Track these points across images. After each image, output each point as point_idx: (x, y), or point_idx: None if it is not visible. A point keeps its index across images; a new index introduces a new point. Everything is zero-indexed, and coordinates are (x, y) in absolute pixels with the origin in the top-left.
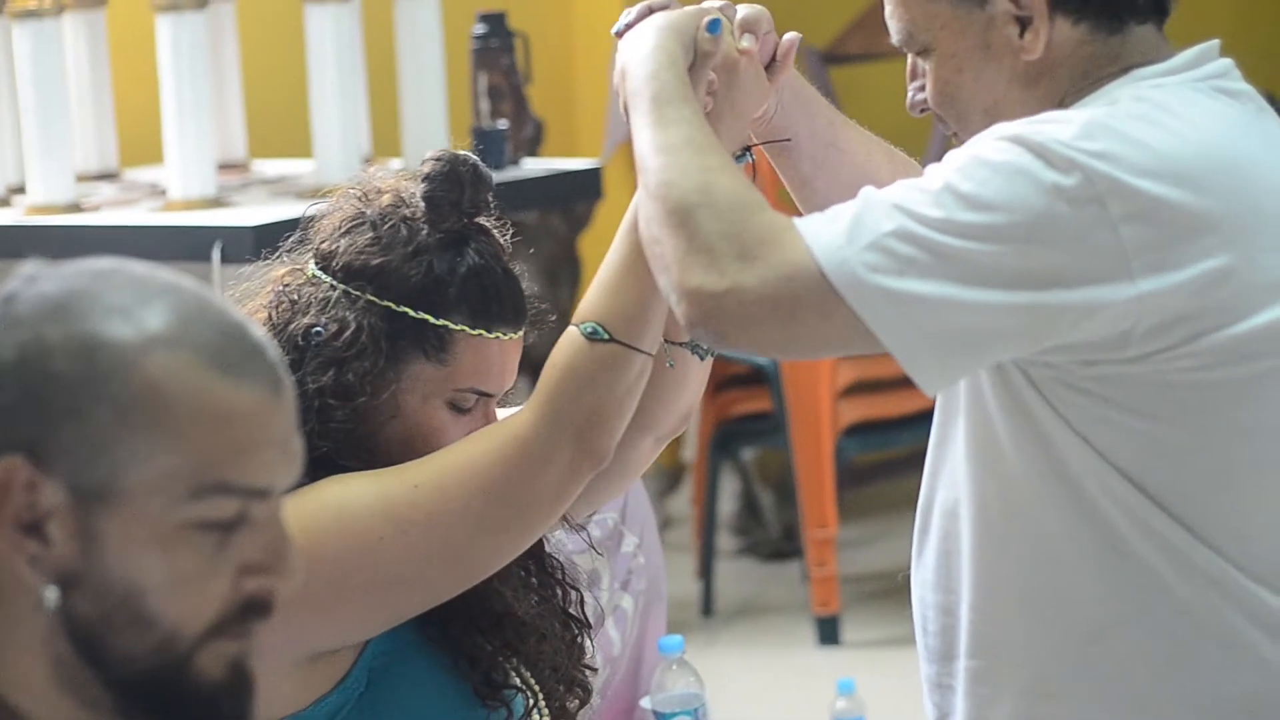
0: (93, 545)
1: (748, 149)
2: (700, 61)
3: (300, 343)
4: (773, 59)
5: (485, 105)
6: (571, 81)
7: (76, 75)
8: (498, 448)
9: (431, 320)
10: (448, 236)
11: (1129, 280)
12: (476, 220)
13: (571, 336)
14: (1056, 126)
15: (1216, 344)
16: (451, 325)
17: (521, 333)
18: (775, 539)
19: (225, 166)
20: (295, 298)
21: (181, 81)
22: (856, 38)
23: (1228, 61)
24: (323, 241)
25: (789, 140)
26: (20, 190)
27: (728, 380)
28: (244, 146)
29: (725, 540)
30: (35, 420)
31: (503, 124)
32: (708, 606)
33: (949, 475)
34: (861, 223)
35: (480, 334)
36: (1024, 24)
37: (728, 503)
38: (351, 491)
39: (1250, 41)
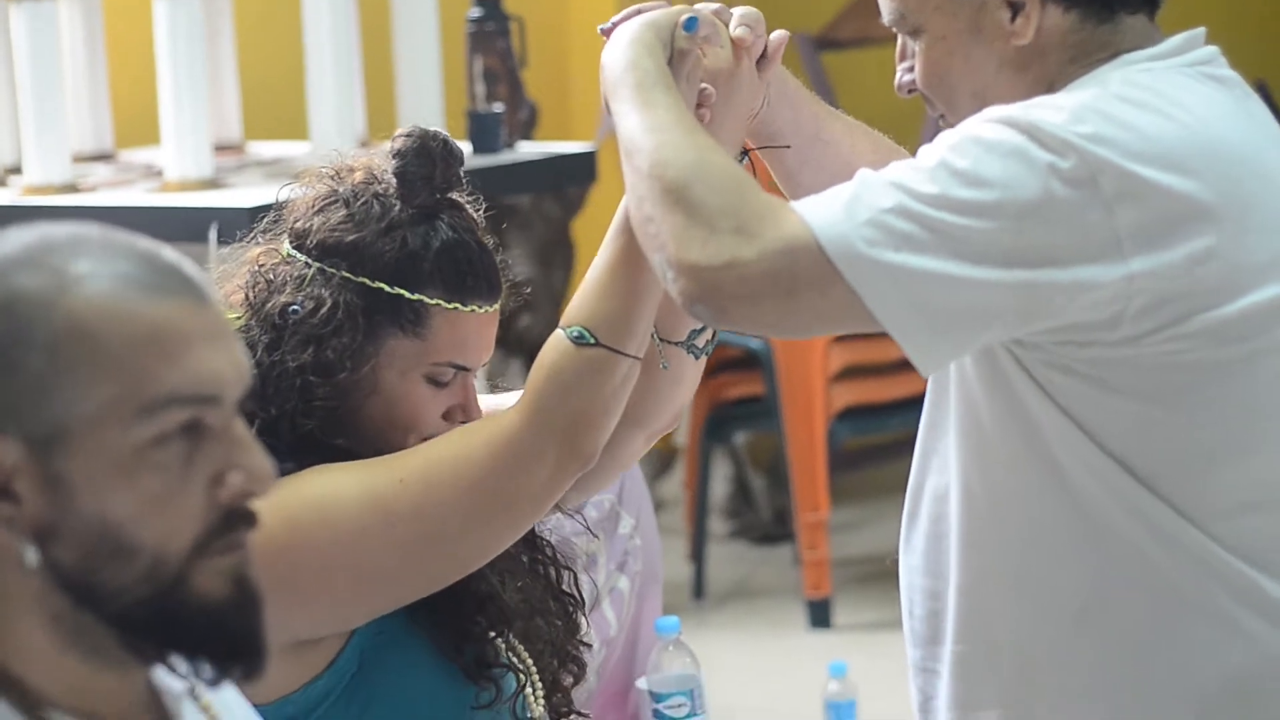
0: (60, 491)
1: (745, 152)
2: (677, 59)
3: (278, 321)
4: (762, 55)
5: (480, 88)
6: (566, 65)
7: (72, 56)
8: (485, 444)
9: (407, 295)
10: (420, 212)
11: (1121, 260)
12: (449, 195)
13: (558, 340)
14: (1048, 111)
15: (1206, 325)
16: (427, 299)
17: (497, 306)
18: (767, 522)
19: (221, 148)
20: (271, 277)
21: (178, 63)
22: (850, 23)
23: (1213, 49)
24: (296, 220)
25: (788, 148)
26: (16, 170)
27: (720, 364)
28: (240, 128)
29: (717, 524)
30: None
31: (498, 107)
32: (699, 589)
33: (940, 460)
34: (860, 200)
35: (455, 307)
36: (1015, 9)
37: (720, 486)
38: (336, 483)
39: (1242, 30)
